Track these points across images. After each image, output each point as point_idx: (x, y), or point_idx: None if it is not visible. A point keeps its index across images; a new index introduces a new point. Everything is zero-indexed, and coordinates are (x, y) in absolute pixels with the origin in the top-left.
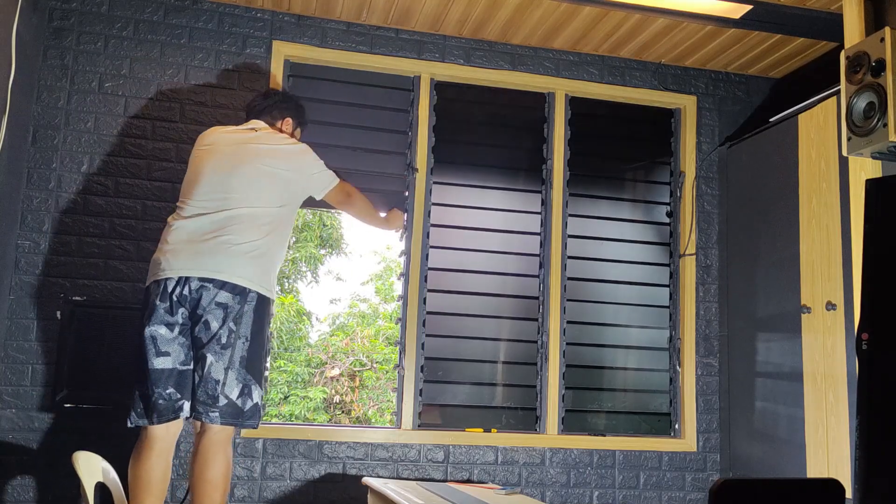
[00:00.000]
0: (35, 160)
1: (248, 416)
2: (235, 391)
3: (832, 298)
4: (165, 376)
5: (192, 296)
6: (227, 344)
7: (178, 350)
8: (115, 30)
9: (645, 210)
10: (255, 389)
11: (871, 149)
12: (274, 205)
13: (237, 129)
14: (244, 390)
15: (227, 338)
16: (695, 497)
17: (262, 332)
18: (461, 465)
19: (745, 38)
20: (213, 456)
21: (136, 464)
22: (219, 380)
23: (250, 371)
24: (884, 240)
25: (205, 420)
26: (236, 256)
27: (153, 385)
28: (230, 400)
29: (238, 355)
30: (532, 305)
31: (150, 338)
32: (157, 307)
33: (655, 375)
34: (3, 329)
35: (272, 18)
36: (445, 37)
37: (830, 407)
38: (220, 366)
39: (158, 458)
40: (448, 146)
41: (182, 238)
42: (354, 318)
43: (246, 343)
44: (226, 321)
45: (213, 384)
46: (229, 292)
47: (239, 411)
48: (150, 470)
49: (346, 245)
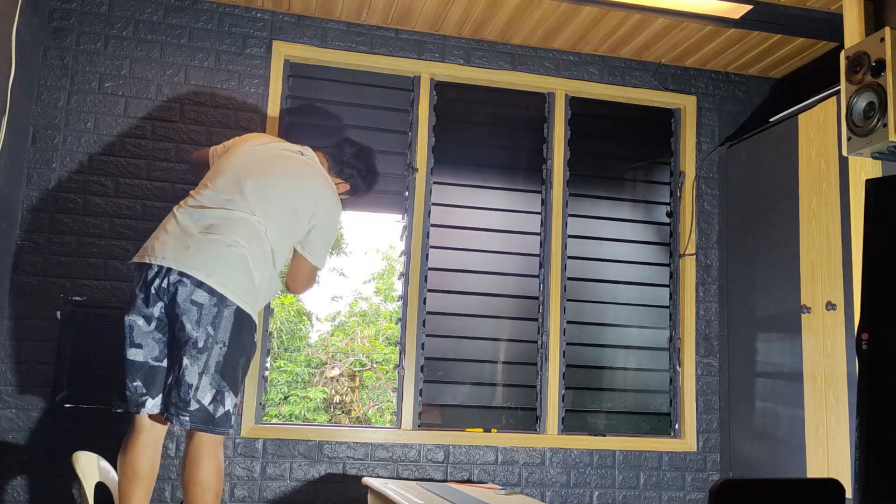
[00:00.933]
0: (35, 160)
1: (219, 423)
2: (208, 396)
3: (832, 298)
4: (135, 368)
5: (170, 289)
6: (204, 348)
7: (153, 345)
8: (115, 30)
9: (645, 210)
10: (227, 396)
11: (871, 149)
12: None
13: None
14: (217, 396)
15: (205, 342)
16: (695, 497)
17: (240, 339)
18: (461, 465)
19: (745, 38)
20: (201, 459)
21: (122, 454)
22: (192, 384)
23: (225, 377)
24: (884, 240)
25: (175, 423)
26: (223, 258)
27: (125, 374)
28: (202, 405)
29: (214, 360)
30: (532, 305)
31: (127, 326)
32: (137, 297)
33: (655, 375)
34: (3, 329)
35: (272, 18)
36: (445, 37)
37: (830, 407)
38: (195, 370)
39: (144, 448)
40: (448, 146)
41: (176, 228)
42: (354, 318)
43: (223, 348)
44: (201, 323)
45: (187, 388)
46: (206, 292)
47: (210, 417)
48: (136, 460)
49: (346, 245)
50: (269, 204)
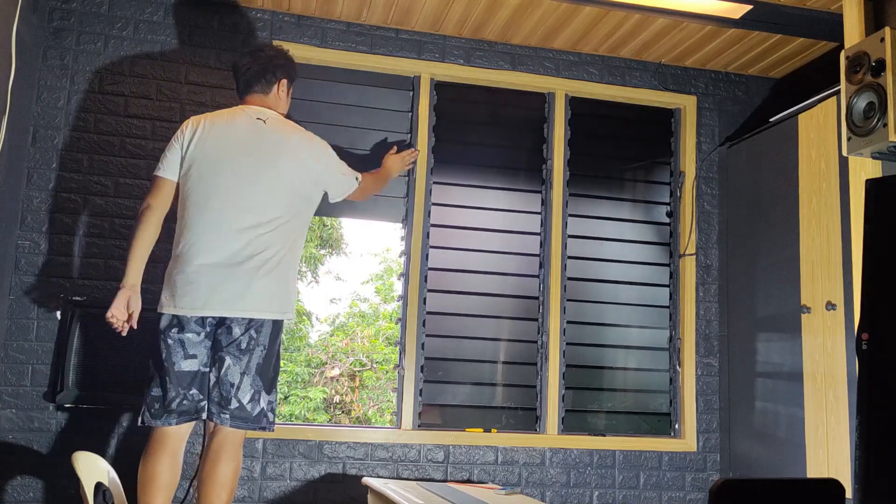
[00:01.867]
0: (35, 160)
1: (256, 420)
2: (247, 396)
3: (832, 298)
4: (191, 378)
5: None
6: (247, 350)
7: (204, 353)
8: (115, 30)
9: (645, 210)
10: (262, 395)
11: (871, 149)
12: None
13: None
14: (255, 396)
15: (248, 343)
16: (695, 497)
17: (276, 343)
18: (461, 465)
19: (745, 38)
20: (224, 456)
21: (147, 463)
22: (234, 383)
23: (262, 378)
24: (884, 240)
25: (216, 421)
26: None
27: (177, 386)
28: (241, 404)
29: (255, 362)
30: (532, 305)
31: (177, 341)
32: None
33: (655, 375)
34: (3, 329)
35: (272, 18)
36: (445, 37)
37: (830, 407)
38: (237, 370)
39: (172, 457)
40: (448, 146)
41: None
42: (354, 318)
43: (263, 351)
44: (248, 328)
45: (228, 387)
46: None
47: (248, 416)
48: (163, 470)
49: (346, 245)
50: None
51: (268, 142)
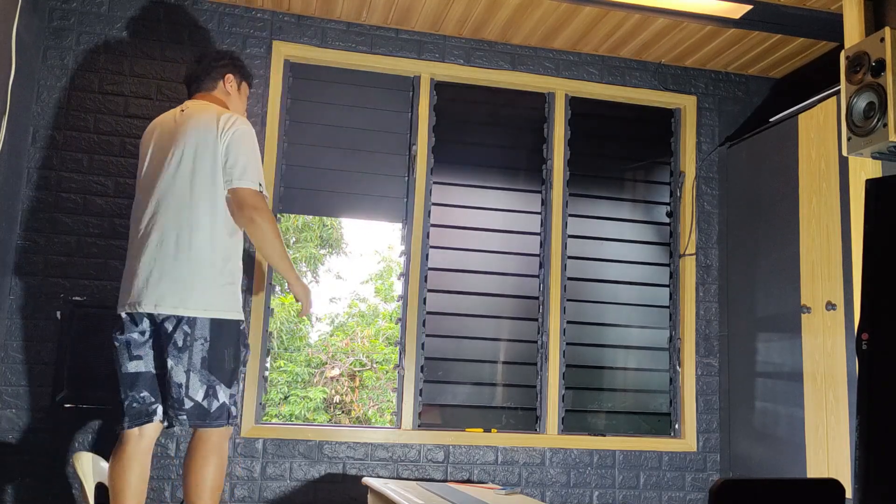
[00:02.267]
0: (35, 160)
1: (216, 417)
2: (200, 393)
3: (832, 298)
4: (141, 379)
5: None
6: (184, 346)
7: (151, 354)
8: (115, 30)
9: (645, 210)
10: (220, 389)
11: (871, 149)
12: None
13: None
14: (209, 391)
15: (183, 341)
16: (695, 497)
17: (220, 332)
18: (461, 465)
19: (745, 38)
20: (203, 457)
21: (112, 467)
22: (181, 383)
23: (213, 371)
24: (884, 240)
25: (175, 424)
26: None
27: (127, 389)
28: (196, 402)
29: (198, 357)
30: (532, 305)
31: (124, 342)
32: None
33: (655, 375)
34: (3, 329)
35: (272, 18)
36: (445, 37)
37: (830, 407)
38: (180, 369)
39: (131, 460)
40: (448, 146)
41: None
42: (354, 318)
43: (205, 343)
44: (179, 325)
45: (177, 388)
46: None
47: (205, 412)
48: (125, 472)
49: (345, 245)
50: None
51: (181, 127)
